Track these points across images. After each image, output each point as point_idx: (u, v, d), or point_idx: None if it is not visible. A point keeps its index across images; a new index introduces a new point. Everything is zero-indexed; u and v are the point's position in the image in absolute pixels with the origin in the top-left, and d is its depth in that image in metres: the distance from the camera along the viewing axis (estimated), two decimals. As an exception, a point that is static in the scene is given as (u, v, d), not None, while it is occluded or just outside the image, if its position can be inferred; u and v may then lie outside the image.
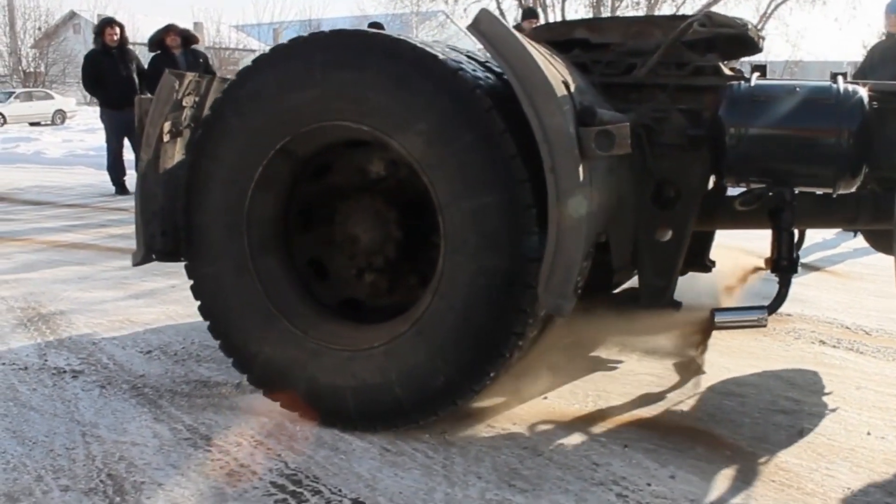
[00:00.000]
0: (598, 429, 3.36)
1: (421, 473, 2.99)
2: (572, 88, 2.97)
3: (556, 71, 2.99)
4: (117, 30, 11.01)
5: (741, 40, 3.74)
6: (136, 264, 3.54)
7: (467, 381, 3.12)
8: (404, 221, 3.48)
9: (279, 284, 3.43)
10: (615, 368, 4.06)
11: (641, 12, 25.37)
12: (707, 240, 4.10)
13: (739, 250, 4.85)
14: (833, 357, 4.36)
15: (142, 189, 3.46)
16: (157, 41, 10.87)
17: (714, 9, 22.74)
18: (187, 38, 11.08)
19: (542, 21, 15.12)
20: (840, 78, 3.39)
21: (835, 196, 3.41)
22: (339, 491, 2.88)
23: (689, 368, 4.06)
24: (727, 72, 3.64)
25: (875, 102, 3.31)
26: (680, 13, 19.12)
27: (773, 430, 3.40)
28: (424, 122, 3.01)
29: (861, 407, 3.69)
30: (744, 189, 3.46)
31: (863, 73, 8.66)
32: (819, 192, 3.50)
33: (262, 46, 38.19)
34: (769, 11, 24.24)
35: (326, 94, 3.13)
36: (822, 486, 2.95)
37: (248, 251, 3.36)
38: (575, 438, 3.26)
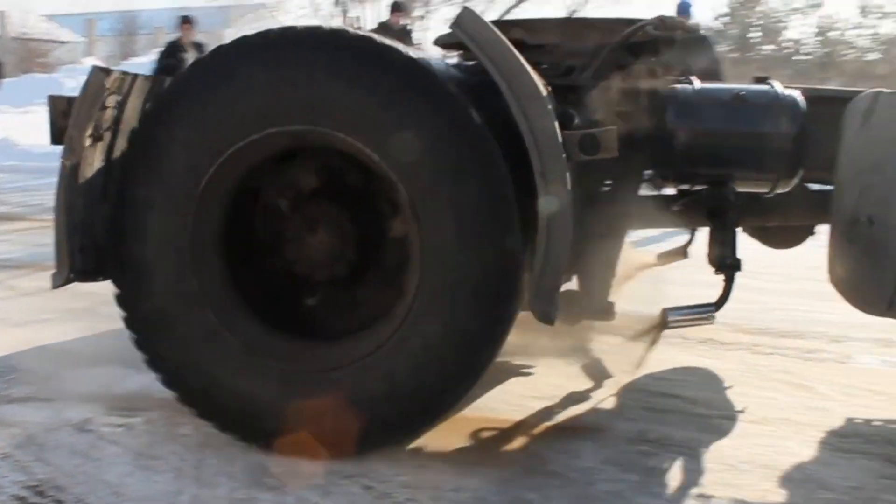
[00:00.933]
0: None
1: (172, 476, 2.96)
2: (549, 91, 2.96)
3: (535, 74, 2.95)
4: None
5: (667, 42, 3.74)
6: (57, 286, 3.17)
7: (397, 429, 3.08)
8: (363, 234, 3.31)
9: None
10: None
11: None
12: None
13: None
14: (611, 343, 4.53)
15: (65, 200, 3.11)
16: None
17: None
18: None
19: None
20: (774, 81, 3.55)
21: (770, 195, 3.54)
22: (84, 499, 2.81)
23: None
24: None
25: (808, 106, 3.47)
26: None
27: (530, 415, 3.51)
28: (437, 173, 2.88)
29: (624, 390, 3.86)
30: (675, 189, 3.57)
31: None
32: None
33: (75, 37, 36.62)
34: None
35: (330, 101, 2.91)
36: (566, 466, 3.08)
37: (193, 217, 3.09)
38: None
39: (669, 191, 3.78)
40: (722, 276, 3.56)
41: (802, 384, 4.06)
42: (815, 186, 3.88)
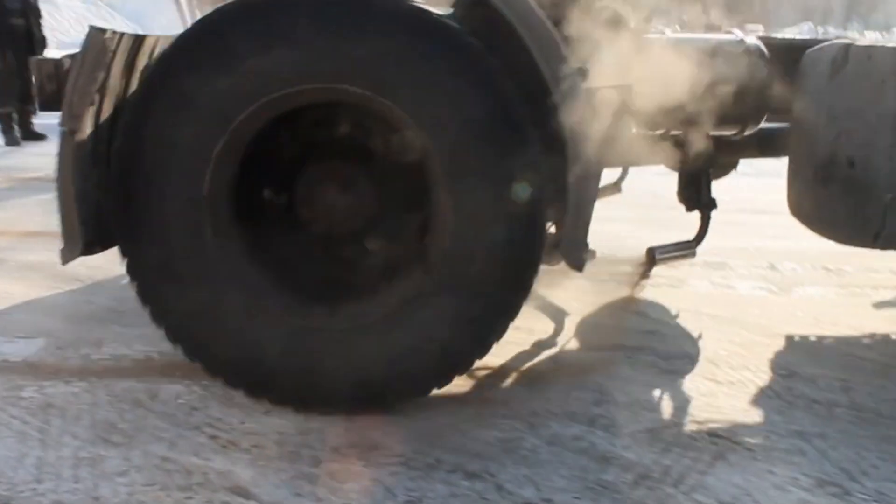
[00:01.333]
0: (202, 376, 3.37)
1: (15, 441, 2.94)
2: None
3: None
4: None
5: None
6: (68, 261, 3.02)
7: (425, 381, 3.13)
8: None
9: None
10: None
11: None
12: None
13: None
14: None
15: (70, 170, 2.94)
16: None
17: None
18: None
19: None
20: (738, 31, 3.76)
21: (736, 137, 3.79)
22: (-79, 470, 2.79)
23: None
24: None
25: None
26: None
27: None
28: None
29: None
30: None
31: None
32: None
33: None
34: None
35: (364, 60, 2.88)
36: (408, 404, 3.20)
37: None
38: (177, 387, 3.32)
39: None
40: (698, 214, 3.83)
41: (636, 310, 4.29)
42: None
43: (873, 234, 3.39)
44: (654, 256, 3.79)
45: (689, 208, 3.90)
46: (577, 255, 3.04)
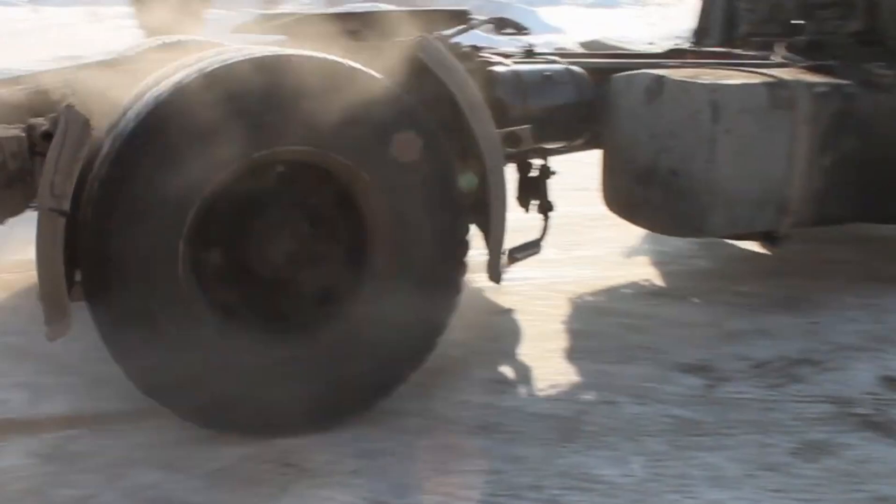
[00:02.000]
0: None
1: None
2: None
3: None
4: None
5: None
6: (58, 337, 2.98)
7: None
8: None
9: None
10: None
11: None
12: None
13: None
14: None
15: (54, 250, 2.88)
16: None
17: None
18: None
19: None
20: (553, 57, 4.71)
21: (565, 149, 4.59)
22: None
23: None
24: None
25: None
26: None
27: None
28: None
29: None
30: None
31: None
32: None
33: None
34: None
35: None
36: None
37: None
38: None
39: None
40: (540, 217, 4.38)
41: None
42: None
43: (695, 227, 4.37)
44: (515, 257, 4.14)
45: (528, 210, 4.44)
46: (496, 270, 3.69)
